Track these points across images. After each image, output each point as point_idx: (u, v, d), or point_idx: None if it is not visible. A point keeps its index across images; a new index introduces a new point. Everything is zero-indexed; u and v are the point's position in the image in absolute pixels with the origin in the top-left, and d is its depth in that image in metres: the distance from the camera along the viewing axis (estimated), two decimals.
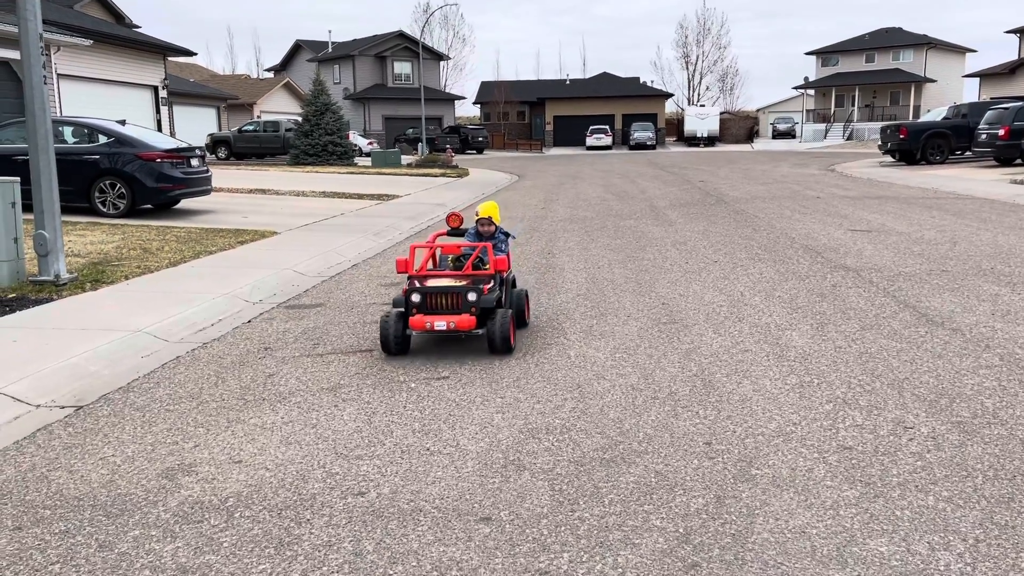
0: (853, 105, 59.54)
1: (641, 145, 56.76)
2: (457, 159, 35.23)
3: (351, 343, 6.01)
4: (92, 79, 22.97)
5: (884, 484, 3.47)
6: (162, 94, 27.02)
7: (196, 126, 36.20)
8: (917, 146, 26.90)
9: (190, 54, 29.87)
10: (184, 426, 4.37)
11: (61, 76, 20.55)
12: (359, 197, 17.94)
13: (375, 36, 61.79)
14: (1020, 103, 23.80)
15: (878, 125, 40.21)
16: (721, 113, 67.32)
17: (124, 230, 11.31)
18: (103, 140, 12.75)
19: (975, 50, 63.22)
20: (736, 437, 4.04)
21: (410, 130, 52.51)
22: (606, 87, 66.64)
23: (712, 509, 3.27)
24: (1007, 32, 45.69)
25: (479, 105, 71.73)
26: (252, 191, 18.62)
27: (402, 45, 60.03)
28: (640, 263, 9.33)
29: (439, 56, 65.43)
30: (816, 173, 26.10)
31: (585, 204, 16.92)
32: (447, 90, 69.35)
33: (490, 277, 5.69)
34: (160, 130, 23.74)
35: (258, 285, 8.03)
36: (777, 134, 65.95)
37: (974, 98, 48.05)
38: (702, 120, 62.77)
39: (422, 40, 51.95)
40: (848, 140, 55.78)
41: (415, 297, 5.51)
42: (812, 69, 65.58)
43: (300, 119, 32.25)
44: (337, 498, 3.44)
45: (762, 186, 20.80)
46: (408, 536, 3.11)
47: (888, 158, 29.58)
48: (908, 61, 58.99)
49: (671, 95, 71.14)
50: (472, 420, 4.34)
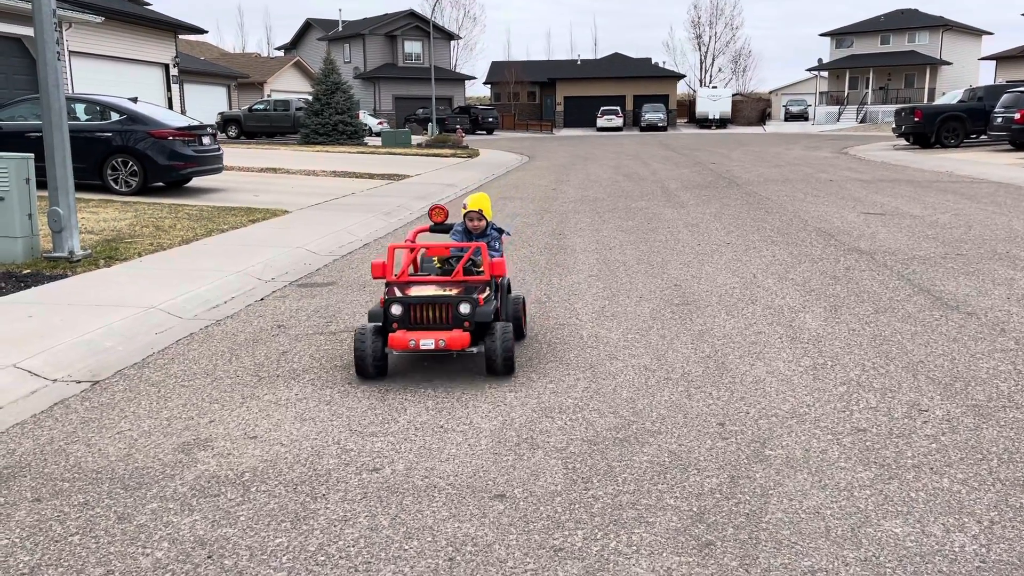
0: (867, 87, 58.99)
1: (652, 127, 56.46)
2: (467, 140, 35.12)
3: (364, 322, 6.02)
4: (104, 56, 22.96)
5: (899, 466, 3.46)
6: (173, 72, 27.00)
7: (207, 104, 36.19)
8: (932, 129, 26.65)
9: (201, 32, 29.81)
10: (199, 402, 4.40)
11: (73, 53, 20.55)
12: (369, 177, 17.92)
13: (385, 15, 61.50)
14: None
15: (892, 108, 39.86)
16: (733, 95, 66.82)
17: (136, 208, 11.34)
18: (115, 118, 12.75)
19: (991, 32, 62.55)
20: (749, 418, 4.04)
21: (420, 110, 52.35)
22: (617, 68, 66.20)
23: (726, 489, 3.28)
24: None
25: (489, 85, 71.39)
26: (263, 170, 18.62)
27: (412, 24, 59.73)
28: (652, 244, 9.30)
29: (450, 35, 65.09)
30: (829, 156, 25.91)
31: (596, 185, 16.86)
32: (457, 70, 69.07)
33: (485, 284, 4.78)
34: (171, 108, 23.73)
35: (270, 263, 8.05)
36: (790, 116, 65.46)
37: (990, 81, 47.53)
38: (714, 102, 62.34)
39: (432, 19, 51.65)
40: (862, 123, 55.32)
41: (395, 309, 4.54)
42: (826, 51, 65.01)
43: (310, 98, 32.18)
44: (352, 474, 3.47)
45: (775, 168, 20.67)
46: (423, 512, 3.13)
47: (902, 141, 29.34)
48: (924, 43, 58.37)
49: (683, 76, 70.65)
50: (485, 399, 4.35)
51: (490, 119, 53.12)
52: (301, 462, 3.60)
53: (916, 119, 26.98)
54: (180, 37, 28.98)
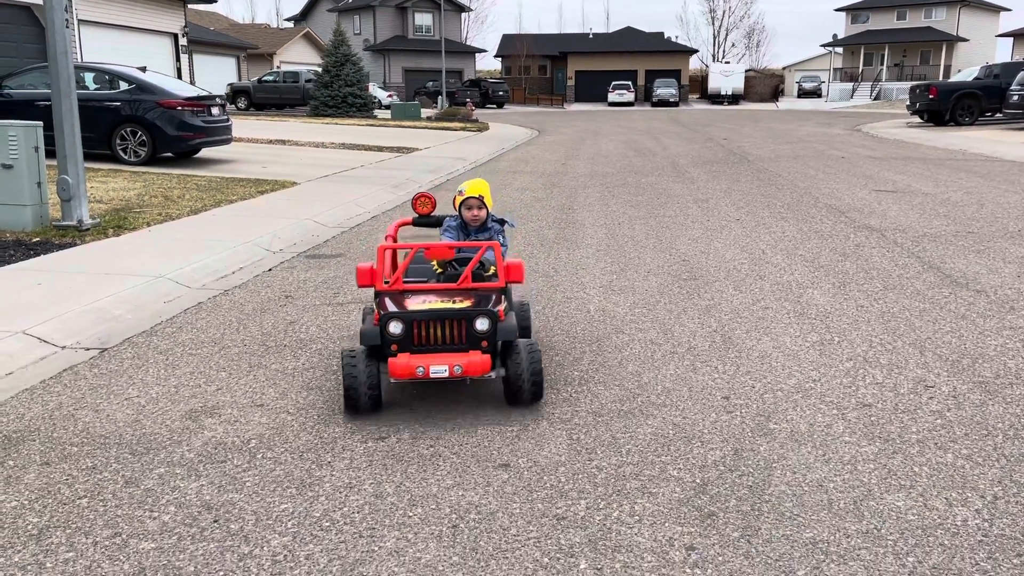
0: (882, 64, 58.30)
1: (664, 102, 56.02)
2: (477, 113, 34.94)
3: (371, 294, 6.03)
4: (112, 25, 22.84)
5: (903, 441, 3.46)
6: (182, 42, 26.87)
7: (216, 75, 36.05)
8: (946, 107, 26.35)
9: (210, 1, 29.61)
10: (207, 370, 4.43)
11: (81, 22, 20.46)
12: (379, 149, 17.87)
13: None
14: None
15: (907, 85, 39.40)
16: (746, 71, 66.16)
17: (145, 177, 11.34)
18: (124, 87, 12.72)
19: (1009, 9, 61.49)
20: (755, 392, 4.04)
21: (430, 83, 52.05)
22: (629, 42, 65.57)
23: (729, 461, 3.29)
24: None
25: (500, 58, 70.86)
26: (272, 141, 18.58)
27: None
28: (661, 220, 9.26)
29: (460, 7, 64.51)
30: (841, 133, 25.68)
31: (606, 160, 16.76)
32: (468, 43, 68.55)
33: (500, 292, 3.97)
34: (180, 78, 23.65)
35: (278, 234, 8.06)
36: (803, 93, 64.80)
37: (1007, 58, 46.86)
38: (726, 77, 61.75)
39: None
40: (875, 100, 54.75)
41: (395, 327, 3.63)
42: (841, 26, 64.17)
43: (320, 70, 32.01)
44: (358, 442, 3.49)
45: (786, 145, 20.51)
46: (427, 480, 3.15)
47: (916, 119, 29.03)
48: (940, 19, 57.54)
49: (695, 51, 69.94)
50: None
51: (500, 93, 52.78)
52: (307, 430, 3.63)
53: (931, 96, 26.68)
54: (189, 7, 28.79)
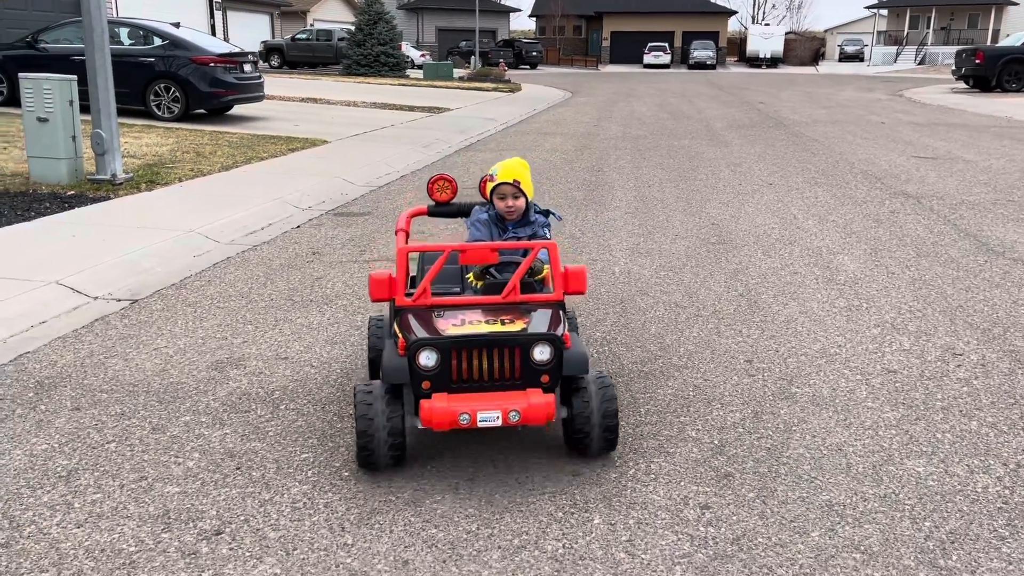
0: (928, 27, 56.58)
1: (700, 64, 55.02)
2: (510, 74, 34.62)
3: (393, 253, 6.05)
4: None
5: (927, 408, 3.42)
6: None
7: (249, 33, 36.03)
8: (993, 72, 25.56)
9: None
10: (234, 323, 4.49)
11: None
12: (410, 109, 17.81)
13: None
14: None
15: (953, 49, 38.23)
16: (786, 33, 64.63)
17: (178, 134, 11.43)
18: (158, 43, 12.77)
19: None
20: (778, 356, 4.00)
21: (463, 43, 51.57)
22: (666, 2, 64.27)
23: (749, 424, 3.27)
24: None
25: (535, 19, 69.94)
26: (303, 100, 18.59)
27: None
28: (692, 183, 9.15)
29: None
30: (883, 98, 25.07)
31: (639, 123, 16.56)
32: (502, 2, 67.67)
33: (558, 307, 3.05)
34: (213, 35, 23.67)
35: (308, 192, 8.09)
36: (844, 57, 63.25)
37: None
38: (766, 40, 60.38)
39: None
40: (920, 65, 53.26)
41: (428, 358, 2.77)
42: None
43: (353, 28, 31.85)
44: None
45: (824, 110, 20.08)
46: (447, 432, 3.18)
47: (961, 84, 28.22)
48: None
49: (734, 12, 68.44)
50: None
51: (534, 53, 52.18)
52: (330, 383, 3.67)
53: (977, 61, 25.88)
54: None
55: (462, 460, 2.98)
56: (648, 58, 55.95)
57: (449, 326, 2.84)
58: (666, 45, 57.41)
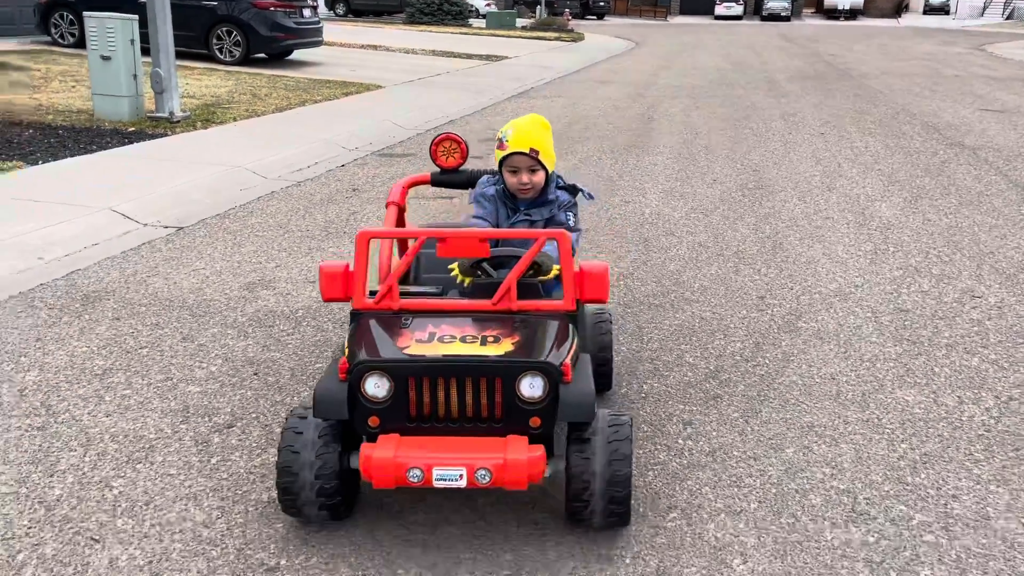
0: None
1: (774, 16, 53.18)
2: (575, 24, 34.11)
3: (434, 191, 6.19)
4: None
5: (931, 344, 3.44)
6: None
7: None
8: None
9: None
10: (269, 250, 4.71)
11: None
12: (467, 57, 17.81)
13: None
14: None
15: None
16: None
17: (237, 76, 11.72)
18: None
19: None
20: (792, 294, 4.04)
21: None
22: None
23: (748, 353, 3.35)
24: None
25: None
26: (364, 46, 18.75)
27: None
28: (740, 132, 9.03)
29: None
30: (962, 52, 23.97)
31: (699, 73, 16.26)
32: None
33: (566, 321, 2.33)
34: None
35: (356, 134, 8.28)
36: (929, 9, 60.30)
37: None
38: None
39: None
40: (1008, 19, 50.54)
41: (377, 387, 2.11)
42: None
43: None
44: None
45: (897, 62, 19.35)
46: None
47: None
48: None
49: None
50: None
51: (601, 3, 51.16)
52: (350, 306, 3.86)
53: None
54: None
55: None
56: (719, 9, 54.32)
57: (412, 342, 2.12)
58: None
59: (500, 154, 2.61)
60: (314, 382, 3.06)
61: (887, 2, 62.58)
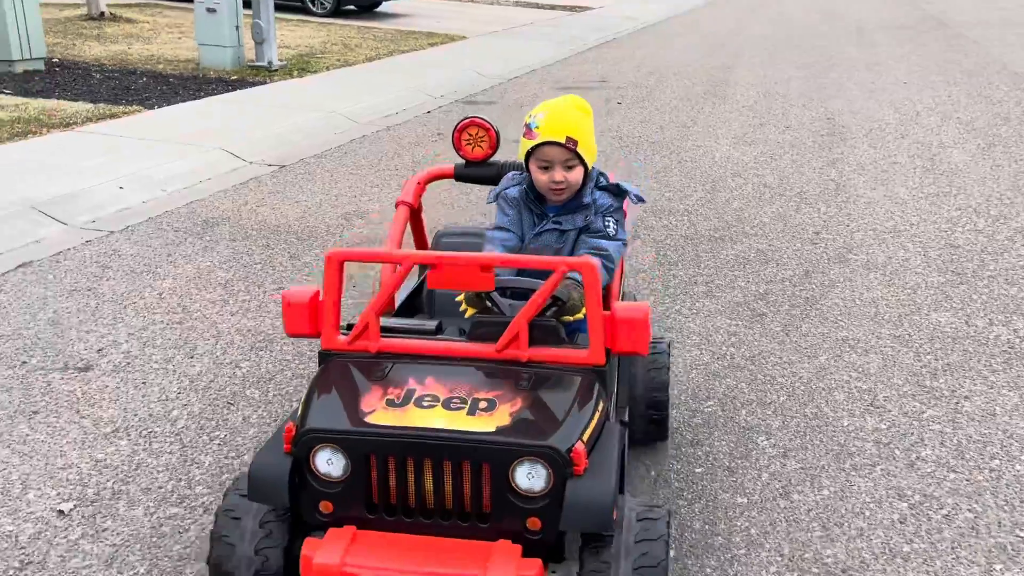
0: None
1: None
2: None
3: (514, 135, 6.55)
4: None
5: (975, 276, 3.65)
6: None
7: None
8: None
9: None
10: (362, 185, 5.17)
11: None
12: (551, 8, 17.92)
13: None
14: None
15: None
16: None
17: (329, 28, 12.24)
18: None
19: None
20: (847, 230, 4.27)
21: None
22: None
23: (797, 279, 3.63)
24: None
25: None
26: None
27: None
28: (821, 82, 9.04)
29: None
30: None
31: (785, 23, 15.99)
32: None
33: (591, 380, 1.78)
34: None
35: (441, 82, 8.67)
36: None
37: None
38: None
39: None
40: None
41: (329, 465, 1.64)
42: None
43: None
44: None
45: (1001, 12, 18.50)
46: None
47: None
48: None
49: None
50: None
51: None
52: (439, 226, 4.28)
53: None
54: None
55: None
56: None
57: (380, 405, 1.66)
58: None
59: (527, 144, 2.03)
60: None
61: None
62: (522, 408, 1.64)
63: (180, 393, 2.72)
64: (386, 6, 15.01)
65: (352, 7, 13.99)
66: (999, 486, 2.22)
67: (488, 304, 1.91)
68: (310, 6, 13.51)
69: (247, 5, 8.57)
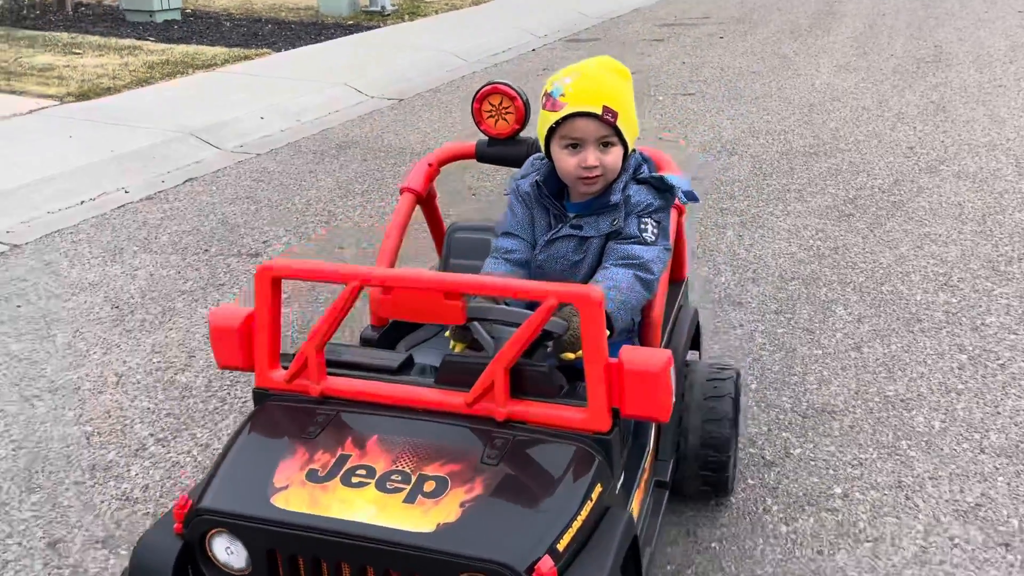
0: None
1: None
2: None
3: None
4: None
5: None
6: None
7: None
8: None
9: None
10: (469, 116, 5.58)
11: None
12: None
13: None
14: None
15: None
16: None
17: None
18: None
19: None
20: (941, 144, 4.41)
21: None
22: None
23: (886, 186, 3.85)
24: None
25: None
26: None
27: None
28: (932, 11, 8.86)
29: None
30: None
31: None
32: None
33: (587, 452, 1.34)
34: None
35: (545, 22, 8.96)
36: None
37: None
38: None
39: None
40: None
41: (228, 555, 1.31)
42: None
43: None
44: None
45: None
46: None
47: None
48: None
49: None
50: (702, 123, 5.07)
51: None
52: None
53: None
54: None
55: None
56: None
57: (298, 478, 1.31)
58: None
59: (549, 117, 1.59)
60: None
61: None
62: (479, 497, 1.23)
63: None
64: None
65: None
66: None
67: (472, 334, 1.49)
68: None
69: None
